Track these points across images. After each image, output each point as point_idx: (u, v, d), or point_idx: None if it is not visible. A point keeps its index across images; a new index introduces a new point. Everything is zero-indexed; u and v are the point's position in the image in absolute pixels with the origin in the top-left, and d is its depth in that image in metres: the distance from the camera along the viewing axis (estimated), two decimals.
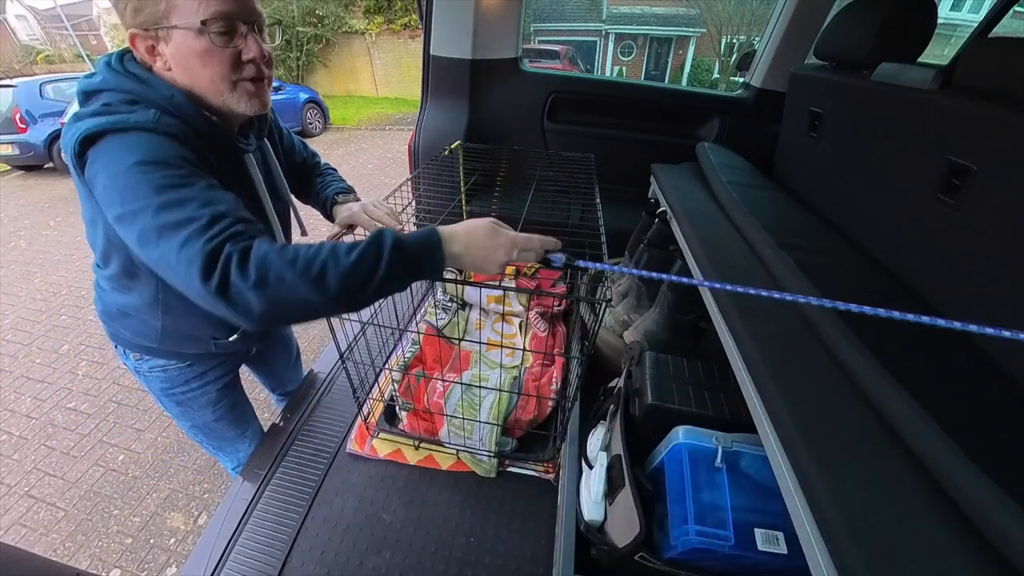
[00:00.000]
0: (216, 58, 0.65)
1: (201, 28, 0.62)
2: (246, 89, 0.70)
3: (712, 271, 0.86)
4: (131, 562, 1.57)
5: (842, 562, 0.42)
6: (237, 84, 0.69)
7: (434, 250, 0.62)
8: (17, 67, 13.54)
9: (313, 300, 0.55)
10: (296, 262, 0.54)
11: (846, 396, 0.57)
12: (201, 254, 0.53)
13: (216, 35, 0.64)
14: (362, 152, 7.15)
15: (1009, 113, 0.62)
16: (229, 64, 0.66)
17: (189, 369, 1.00)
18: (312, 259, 0.55)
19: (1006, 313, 0.63)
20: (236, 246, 0.54)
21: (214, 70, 0.66)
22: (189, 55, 0.64)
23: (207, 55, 0.64)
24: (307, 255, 0.55)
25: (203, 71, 0.66)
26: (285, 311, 0.56)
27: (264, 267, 0.53)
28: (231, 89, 0.69)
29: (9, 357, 2.62)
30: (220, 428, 1.14)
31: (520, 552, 0.92)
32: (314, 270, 0.54)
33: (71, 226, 4.51)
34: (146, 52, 0.66)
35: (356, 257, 0.56)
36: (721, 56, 12.95)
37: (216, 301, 0.54)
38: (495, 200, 1.69)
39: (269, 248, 0.55)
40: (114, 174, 0.58)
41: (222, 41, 0.64)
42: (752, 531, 0.67)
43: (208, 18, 0.62)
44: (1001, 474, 0.41)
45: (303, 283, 0.54)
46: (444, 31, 1.61)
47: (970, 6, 12.85)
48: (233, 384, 1.13)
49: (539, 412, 1.12)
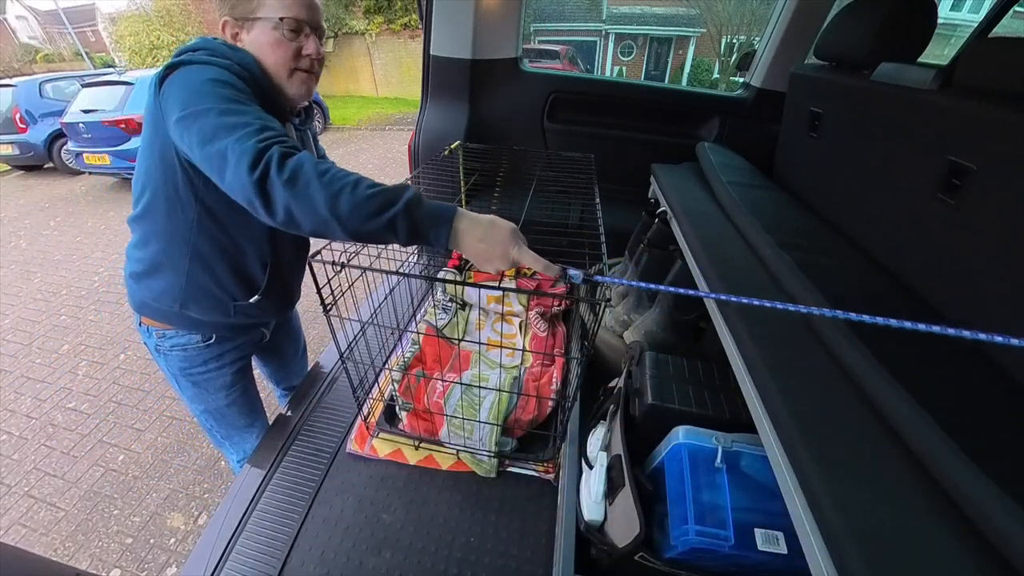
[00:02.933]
0: (283, 48, 0.81)
1: (277, 23, 0.79)
2: (300, 78, 0.86)
3: (712, 271, 0.86)
4: (131, 562, 1.57)
5: (842, 562, 0.42)
6: (294, 72, 0.84)
7: (444, 222, 0.66)
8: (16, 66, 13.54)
9: (324, 213, 0.62)
10: (324, 175, 0.62)
11: (846, 396, 0.57)
12: (253, 149, 0.62)
13: (287, 31, 0.81)
14: (362, 152, 7.15)
15: (1009, 113, 0.62)
16: (291, 54, 0.82)
17: (208, 349, 1.04)
18: (337, 179, 0.63)
19: (1006, 313, 0.63)
20: (281, 148, 0.64)
21: (279, 56, 0.82)
22: (264, 43, 0.81)
23: (277, 44, 0.81)
24: (336, 174, 0.63)
25: (271, 56, 0.82)
26: (302, 214, 0.63)
27: (297, 170, 0.62)
28: (288, 76, 0.84)
29: (9, 357, 2.62)
30: (232, 415, 1.18)
31: (520, 552, 0.91)
32: (335, 187, 0.62)
33: (71, 226, 4.51)
34: (231, 37, 0.83)
35: (372, 194, 0.63)
36: (721, 56, 12.95)
37: (254, 190, 0.62)
38: (495, 200, 1.69)
39: (308, 158, 0.64)
40: (186, 83, 0.71)
41: (291, 36, 0.81)
42: (752, 531, 0.67)
43: (284, 16, 0.79)
44: (1001, 474, 0.41)
45: (322, 194, 0.61)
46: (444, 31, 1.61)
47: (970, 6, 12.85)
48: (246, 371, 1.17)
49: (539, 412, 1.12)
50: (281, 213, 0.63)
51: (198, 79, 0.71)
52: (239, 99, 0.71)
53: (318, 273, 0.77)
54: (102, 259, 3.82)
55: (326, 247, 0.78)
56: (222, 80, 0.72)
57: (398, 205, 0.63)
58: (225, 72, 0.74)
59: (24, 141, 5.69)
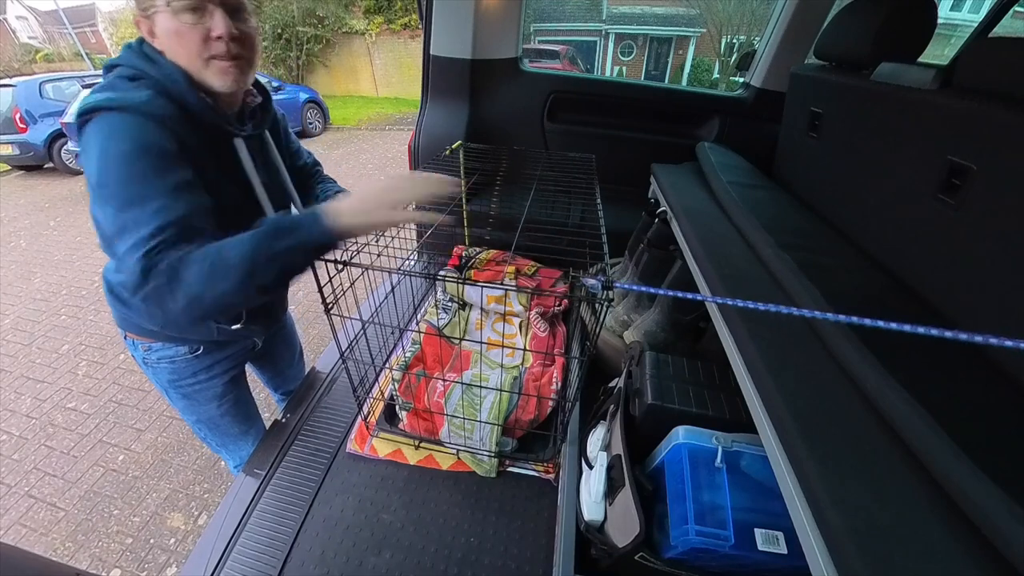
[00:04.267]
0: (187, 36, 0.69)
1: (170, 6, 0.67)
2: (218, 67, 0.73)
3: (712, 271, 0.85)
4: (131, 562, 1.57)
5: (842, 562, 0.42)
6: (209, 61, 0.72)
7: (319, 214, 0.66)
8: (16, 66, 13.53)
9: (224, 299, 0.63)
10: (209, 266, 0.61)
11: (846, 396, 0.57)
12: (137, 269, 0.61)
13: (185, 13, 0.68)
14: (362, 152, 7.15)
15: (1009, 113, 0.62)
16: (199, 41, 0.70)
17: (197, 360, 1.01)
18: (221, 264, 0.62)
19: (1006, 313, 0.63)
20: (165, 262, 0.61)
21: (187, 48, 0.70)
22: (169, 34, 0.69)
23: (179, 33, 0.69)
24: (217, 261, 0.62)
25: (180, 49, 0.70)
26: (204, 311, 0.64)
27: (182, 281, 0.61)
28: (204, 66, 0.72)
29: (9, 357, 2.62)
30: (225, 424, 1.15)
31: (520, 552, 0.91)
32: (221, 262, 0.62)
33: (71, 226, 4.51)
34: (148, 35, 0.72)
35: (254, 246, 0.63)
36: (721, 56, 12.95)
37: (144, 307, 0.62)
38: (495, 200, 1.69)
39: (195, 260, 0.62)
40: (100, 150, 0.65)
41: (192, 19, 0.68)
42: (752, 531, 0.67)
43: (180, 3, 0.67)
44: (1001, 474, 0.41)
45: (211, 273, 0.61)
46: (444, 31, 1.61)
47: (970, 6, 12.85)
48: (238, 379, 1.14)
49: (539, 412, 1.12)
50: (178, 318, 0.64)
51: (111, 150, 0.64)
52: (144, 174, 0.64)
53: (319, 271, 0.77)
54: (102, 259, 3.77)
55: None
56: (134, 151, 0.65)
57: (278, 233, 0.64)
58: (136, 123, 0.66)
59: (24, 141, 5.69)
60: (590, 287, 0.66)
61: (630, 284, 0.67)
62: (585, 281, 0.66)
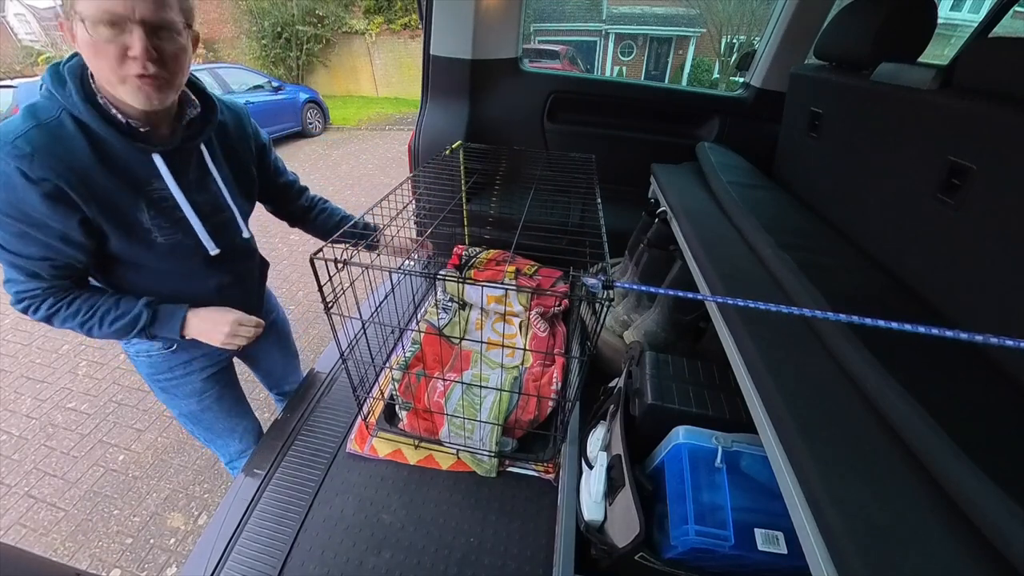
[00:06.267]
0: (103, 51, 0.66)
1: (86, 23, 0.64)
2: (134, 84, 0.70)
3: (712, 271, 0.85)
4: (131, 562, 1.57)
5: (842, 562, 0.42)
6: (126, 79, 0.69)
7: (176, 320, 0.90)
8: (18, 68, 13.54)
9: (85, 335, 0.86)
10: (75, 315, 0.83)
11: (846, 396, 0.57)
12: (16, 305, 0.82)
13: (100, 27, 0.64)
14: (362, 152, 7.15)
15: (1009, 113, 0.62)
16: (115, 58, 0.67)
17: (173, 356, 1.03)
18: (86, 319, 0.84)
19: (1006, 313, 0.63)
20: (41, 313, 0.82)
21: (102, 63, 0.67)
22: (85, 46, 0.66)
23: (95, 47, 0.66)
24: (82, 315, 0.83)
25: (95, 63, 0.68)
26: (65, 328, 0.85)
27: (48, 318, 0.82)
28: (120, 82, 0.69)
29: (9, 357, 2.61)
30: (208, 419, 1.16)
31: (520, 552, 0.92)
32: (85, 325, 0.84)
33: None
34: (71, 40, 0.68)
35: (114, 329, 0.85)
36: (721, 56, 12.95)
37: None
38: (495, 200, 1.69)
39: (57, 305, 0.82)
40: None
41: (107, 35, 0.65)
42: (752, 531, 0.67)
43: (91, 14, 0.63)
44: (1001, 474, 0.41)
45: (77, 329, 0.85)
46: (444, 31, 1.61)
47: (970, 6, 12.85)
48: (220, 376, 1.14)
49: (539, 412, 1.12)
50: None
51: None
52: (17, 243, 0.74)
53: (319, 271, 0.77)
54: None
55: (327, 245, 0.78)
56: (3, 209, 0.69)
57: (135, 331, 0.87)
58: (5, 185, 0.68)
59: None
60: (591, 287, 0.66)
61: (630, 284, 0.67)
62: (586, 281, 0.66)
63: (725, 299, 0.56)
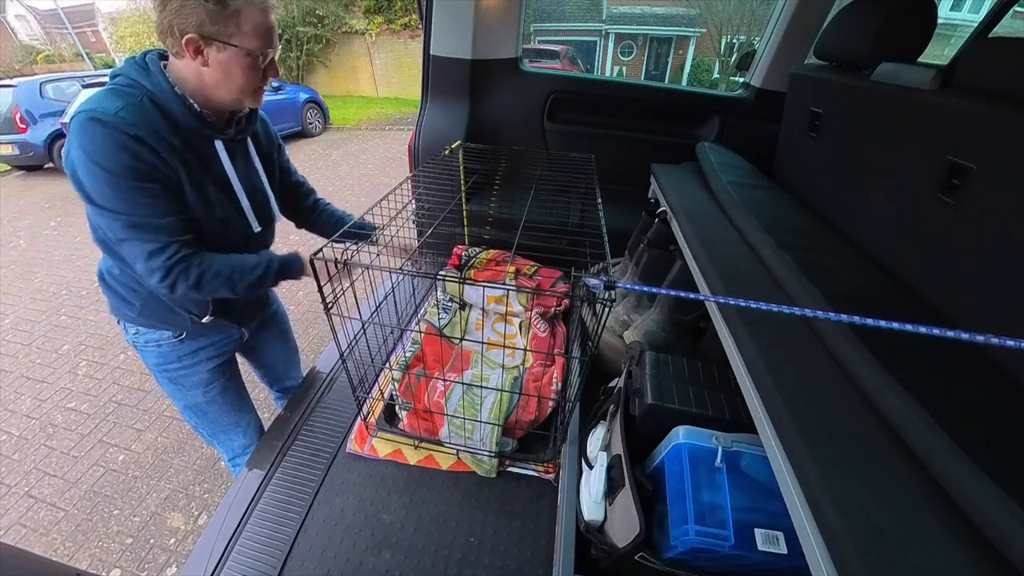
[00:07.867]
0: (253, 72, 0.86)
1: (250, 52, 0.82)
2: (259, 93, 0.92)
3: (712, 271, 0.85)
4: (131, 562, 1.57)
5: (842, 562, 0.42)
6: (256, 91, 0.90)
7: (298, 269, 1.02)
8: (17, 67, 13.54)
9: (227, 295, 0.95)
10: (219, 275, 0.91)
11: (846, 396, 0.57)
12: (161, 269, 0.85)
13: (261, 58, 0.85)
14: (362, 152, 7.15)
15: (1009, 113, 0.62)
16: (258, 76, 0.87)
17: (182, 345, 1.07)
18: (230, 275, 0.92)
19: (1006, 313, 0.63)
20: (193, 272, 0.87)
21: (249, 79, 0.86)
22: (234, 66, 0.83)
23: (248, 70, 0.85)
24: (227, 272, 0.91)
25: (240, 79, 0.85)
26: (210, 295, 0.97)
27: (199, 279, 0.88)
28: (252, 93, 0.89)
29: (9, 357, 2.62)
30: (213, 412, 1.19)
31: (520, 552, 0.92)
32: (231, 281, 0.92)
33: (71, 226, 4.51)
34: (192, 52, 0.80)
35: (255, 277, 0.95)
36: (721, 56, 12.95)
37: (164, 292, 0.89)
38: (494, 200, 1.69)
39: (203, 265, 0.89)
40: (79, 163, 0.76)
41: (261, 61, 0.86)
42: (752, 531, 0.67)
43: (254, 49, 0.83)
44: (1001, 474, 0.41)
45: (223, 288, 0.92)
46: (444, 31, 1.61)
47: (970, 6, 12.85)
48: (225, 368, 1.18)
49: (539, 412, 1.12)
50: (190, 295, 0.92)
51: (92, 165, 0.75)
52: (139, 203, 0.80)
53: (319, 271, 0.77)
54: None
55: (327, 245, 0.78)
56: (118, 171, 0.76)
57: (272, 273, 0.98)
58: (113, 148, 0.75)
59: (24, 141, 5.69)
60: (592, 287, 0.66)
61: (631, 284, 0.67)
62: (587, 281, 0.66)
63: (725, 299, 0.56)
